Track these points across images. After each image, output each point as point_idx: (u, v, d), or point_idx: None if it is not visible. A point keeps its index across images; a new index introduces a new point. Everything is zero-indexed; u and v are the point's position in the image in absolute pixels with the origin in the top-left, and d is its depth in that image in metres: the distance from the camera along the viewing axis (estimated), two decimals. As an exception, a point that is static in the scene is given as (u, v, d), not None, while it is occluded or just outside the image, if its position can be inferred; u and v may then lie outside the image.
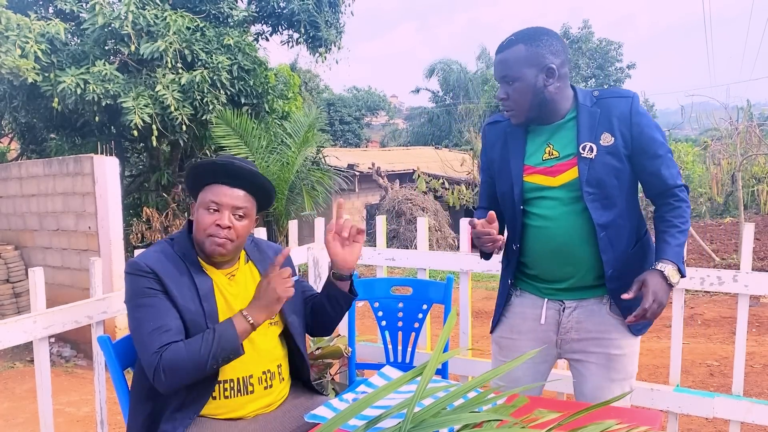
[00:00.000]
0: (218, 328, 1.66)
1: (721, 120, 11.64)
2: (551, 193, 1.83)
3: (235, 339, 1.65)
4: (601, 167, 1.77)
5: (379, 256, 3.07)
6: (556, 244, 1.83)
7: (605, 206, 1.79)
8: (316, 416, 1.62)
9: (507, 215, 1.94)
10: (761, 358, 4.99)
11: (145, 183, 9.19)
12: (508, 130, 1.93)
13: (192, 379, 1.65)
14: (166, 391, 1.65)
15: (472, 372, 2.84)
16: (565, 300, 1.88)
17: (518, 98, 1.79)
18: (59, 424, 4.00)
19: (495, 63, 1.85)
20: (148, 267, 1.70)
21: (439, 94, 28.36)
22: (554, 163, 1.83)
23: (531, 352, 1.40)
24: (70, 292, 5.88)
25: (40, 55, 6.79)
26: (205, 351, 1.61)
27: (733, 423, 2.39)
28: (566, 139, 1.83)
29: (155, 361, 1.61)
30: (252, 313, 1.68)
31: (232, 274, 1.85)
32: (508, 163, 1.90)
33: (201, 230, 1.75)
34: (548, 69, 1.77)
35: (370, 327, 4.17)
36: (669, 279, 1.71)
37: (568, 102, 1.84)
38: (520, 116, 1.83)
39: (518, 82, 1.77)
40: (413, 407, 1.22)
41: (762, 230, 11.86)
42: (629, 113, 1.79)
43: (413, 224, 11.11)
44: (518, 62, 1.76)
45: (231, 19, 8.61)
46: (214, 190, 1.77)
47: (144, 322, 1.66)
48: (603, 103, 1.81)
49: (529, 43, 1.77)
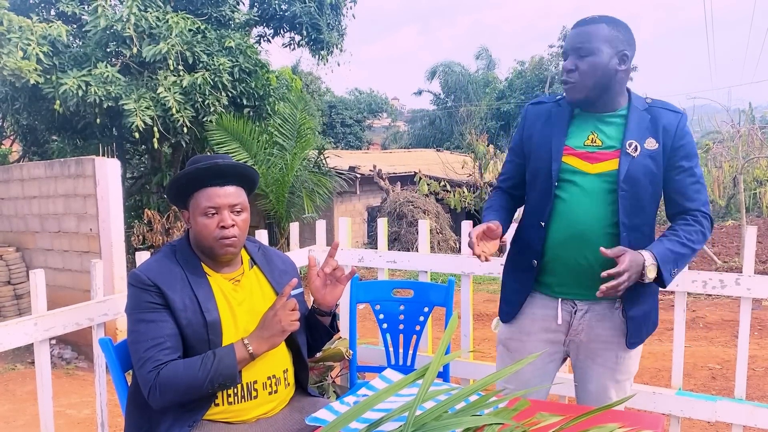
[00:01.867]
0: (218, 353, 1.65)
1: (722, 123, 11.65)
2: (585, 179, 1.82)
3: (233, 367, 1.65)
4: (641, 168, 1.78)
5: (381, 259, 3.06)
6: (578, 230, 1.81)
7: (634, 207, 1.79)
8: (317, 419, 1.61)
9: (536, 194, 1.91)
10: (763, 362, 4.98)
11: (147, 185, 9.20)
12: (553, 110, 1.93)
13: (186, 399, 1.66)
14: (159, 408, 1.66)
15: (473, 375, 2.84)
16: (577, 301, 1.87)
17: (587, 72, 1.78)
18: (60, 426, 3.99)
19: (572, 33, 1.83)
20: (150, 280, 1.70)
21: (440, 96, 28.36)
22: (595, 150, 1.82)
23: (535, 354, 1.40)
24: (71, 294, 5.88)
25: (42, 57, 6.80)
26: (202, 375, 1.62)
27: (736, 427, 2.38)
28: (612, 132, 1.83)
29: (152, 378, 1.61)
30: (253, 343, 1.68)
31: (237, 280, 1.83)
32: (549, 141, 1.88)
33: (207, 237, 1.75)
34: (623, 54, 1.79)
35: (371, 329, 4.16)
36: (645, 272, 1.69)
37: (623, 99, 1.86)
38: (582, 91, 1.81)
39: (592, 56, 1.77)
40: (415, 410, 1.21)
41: (764, 233, 11.85)
42: (676, 128, 1.82)
43: (414, 227, 11.10)
44: (597, 38, 1.77)
45: (233, 22, 8.63)
46: (205, 194, 1.75)
47: (142, 338, 1.66)
48: (654, 111, 1.84)
49: (612, 25, 1.79)
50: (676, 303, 2.51)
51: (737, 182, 10.58)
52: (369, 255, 3.11)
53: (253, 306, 1.80)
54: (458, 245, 11.34)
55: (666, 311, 5.13)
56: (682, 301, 2.50)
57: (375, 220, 5.75)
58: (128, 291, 1.74)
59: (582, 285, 1.84)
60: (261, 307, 1.81)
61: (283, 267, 1.96)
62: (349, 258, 3.13)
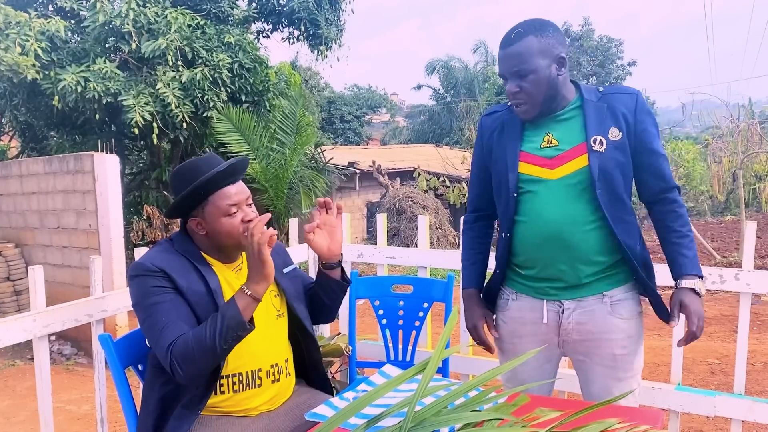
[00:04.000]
0: (221, 309, 1.64)
1: (722, 118, 11.64)
2: (547, 186, 1.80)
3: (238, 314, 1.61)
4: (611, 162, 1.76)
5: (380, 255, 3.06)
6: (552, 232, 1.79)
7: (612, 201, 1.77)
8: (317, 414, 1.62)
9: (501, 206, 1.91)
10: (762, 357, 4.99)
11: (146, 181, 9.19)
12: (505, 118, 1.91)
13: (208, 365, 1.64)
14: (186, 382, 1.65)
15: (472, 370, 2.84)
16: (564, 300, 1.86)
17: (533, 91, 1.75)
18: (59, 422, 4.00)
19: (503, 57, 1.78)
20: (155, 266, 1.69)
21: (439, 91, 28.30)
22: (554, 154, 1.80)
23: (533, 351, 1.39)
24: (70, 290, 5.89)
25: (41, 53, 6.78)
26: (211, 334, 1.59)
27: (735, 421, 2.39)
28: (568, 131, 1.80)
29: (168, 357, 1.61)
30: (250, 286, 1.65)
31: (239, 268, 1.86)
32: (504, 150, 1.87)
33: (234, 235, 1.74)
34: (560, 59, 1.75)
35: (370, 325, 4.16)
36: (700, 292, 1.78)
37: (570, 94, 1.83)
38: (534, 110, 1.79)
39: (533, 75, 1.73)
40: (414, 406, 1.21)
41: (763, 228, 11.86)
42: (635, 110, 1.79)
43: (414, 222, 11.10)
44: (531, 54, 1.73)
45: (231, 17, 8.61)
46: (223, 195, 1.75)
47: (156, 320, 1.65)
48: (608, 99, 1.80)
49: (538, 34, 1.74)
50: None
51: (736, 177, 10.59)
52: (368, 251, 3.11)
53: None
54: (458, 241, 11.34)
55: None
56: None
57: (374, 215, 5.75)
58: (132, 283, 1.71)
59: (566, 284, 1.84)
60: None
61: (275, 249, 1.97)
62: (348, 254, 3.13)
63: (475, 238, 2.09)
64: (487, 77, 25.89)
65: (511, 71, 1.77)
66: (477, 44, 27.83)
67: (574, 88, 1.85)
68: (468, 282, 2.06)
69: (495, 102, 24.06)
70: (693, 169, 14.93)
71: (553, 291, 1.87)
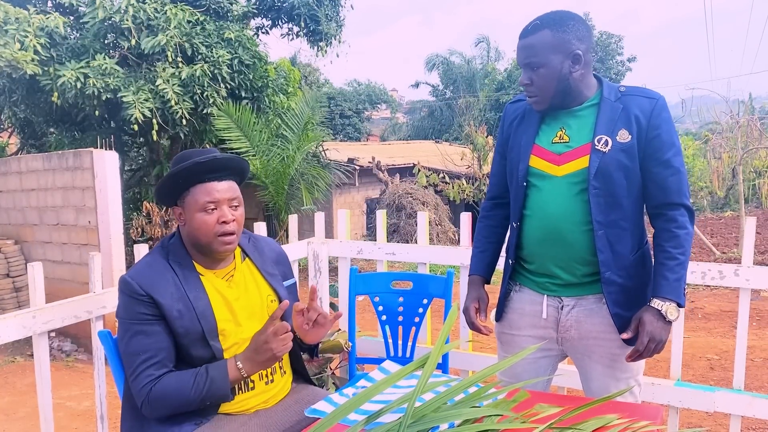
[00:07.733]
0: (211, 371, 1.64)
1: (722, 114, 11.62)
2: (552, 182, 1.80)
3: (225, 388, 1.64)
4: (613, 163, 1.73)
5: (380, 251, 3.06)
6: (553, 228, 1.80)
7: (609, 204, 1.75)
8: (316, 411, 1.62)
9: (512, 194, 1.92)
10: (761, 352, 5.00)
11: (145, 177, 9.19)
12: (527, 108, 1.90)
13: (178, 413, 1.66)
14: (152, 418, 1.67)
15: (472, 366, 2.84)
16: (563, 297, 1.86)
17: (543, 84, 1.75)
18: (59, 419, 4.00)
19: (519, 47, 1.79)
20: (142, 290, 1.65)
21: (439, 87, 28.26)
22: (563, 150, 1.79)
23: (531, 348, 1.39)
24: (70, 286, 5.89)
25: (40, 49, 6.77)
26: (194, 394, 1.62)
27: (734, 417, 2.39)
28: (581, 127, 1.79)
29: (144, 393, 1.62)
30: (246, 366, 1.65)
31: (231, 275, 1.81)
32: (520, 139, 1.89)
33: (206, 233, 1.70)
34: (574, 55, 1.73)
35: (370, 321, 4.16)
36: (667, 317, 1.71)
37: (590, 90, 1.81)
38: (544, 102, 1.79)
39: (543, 69, 1.73)
40: (414, 402, 1.21)
41: (762, 224, 11.87)
42: (650, 115, 1.74)
43: (413, 218, 11.10)
44: (544, 48, 1.72)
45: (231, 13, 8.59)
46: (203, 189, 1.70)
47: (135, 350, 1.65)
48: (627, 100, 1.77)
49: (555, 28, 1.72)
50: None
51: (736, 173, 10.59)
52: (368, 247, 3.11)
53: (249, 300, 1.79)
54: (457, 237, 11.34)
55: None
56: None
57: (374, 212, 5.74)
58: (119, 297, 1.70)
59: (566, 281, 1.84)
60: (256, 300, 1.81)
61: (273, 256, 1.95)
62: (348, 250, 3.13)
63: (489, 226, 2.08)
64: (487, 73, 25.84)
65: (524, 62, 1.78)
66: (479, 38, 27.78)
67: (597, 84, 1.83)
68: (474, 269, 2.06)
69: (494, 98, 24.03)
70: (693, 165, 14.94)
71: (553, 287, 1.87)
